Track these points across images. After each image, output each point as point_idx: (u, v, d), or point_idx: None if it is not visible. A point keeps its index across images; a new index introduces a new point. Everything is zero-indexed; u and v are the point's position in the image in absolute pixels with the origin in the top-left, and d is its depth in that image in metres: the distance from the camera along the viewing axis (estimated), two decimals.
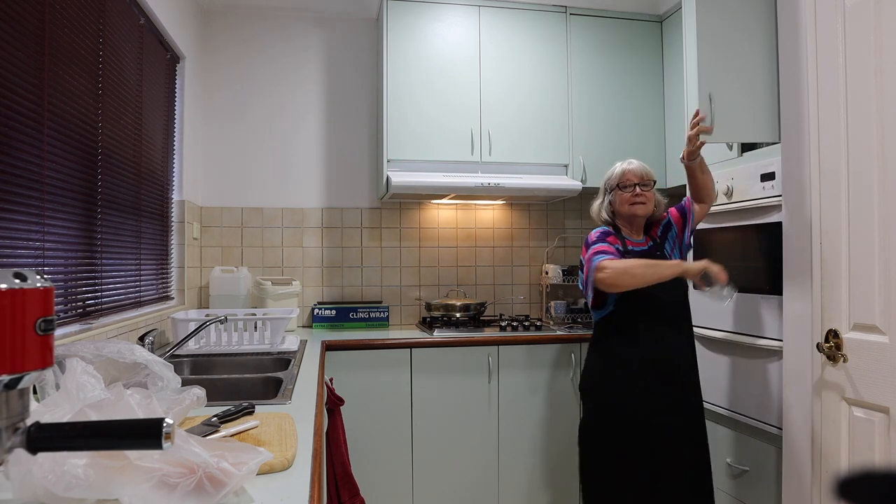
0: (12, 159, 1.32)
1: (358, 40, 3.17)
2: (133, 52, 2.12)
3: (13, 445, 0.61)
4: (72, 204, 1.64)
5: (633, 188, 1.98)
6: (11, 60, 1.31)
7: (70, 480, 0.71)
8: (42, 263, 1.48)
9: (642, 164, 2.04)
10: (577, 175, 2.96)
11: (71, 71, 1.62)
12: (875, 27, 1.52)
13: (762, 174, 2.01)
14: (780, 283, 1.87)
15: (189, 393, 1.07)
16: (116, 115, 1.97)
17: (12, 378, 0.59)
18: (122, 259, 2.06)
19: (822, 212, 1.69)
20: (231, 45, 3.04)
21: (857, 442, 1.58)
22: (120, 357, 1.20)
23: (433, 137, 2.84)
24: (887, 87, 1.49)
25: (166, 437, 0.60)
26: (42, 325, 0.61)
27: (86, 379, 0.90)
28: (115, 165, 1.97)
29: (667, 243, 2.06)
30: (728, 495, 2.15)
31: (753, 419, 2.04)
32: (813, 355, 1.71)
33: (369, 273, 3.16)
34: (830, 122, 1.66)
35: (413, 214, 3.21)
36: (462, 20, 2.89)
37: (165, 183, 2.56)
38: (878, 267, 1.52)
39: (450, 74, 2.87)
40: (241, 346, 2.26)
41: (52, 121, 1.50)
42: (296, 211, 3.10)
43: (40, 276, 0.62)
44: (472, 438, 2.62)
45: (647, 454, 1.86)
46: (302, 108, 3.11)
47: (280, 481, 0.91)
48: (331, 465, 2.25)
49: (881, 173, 1.51)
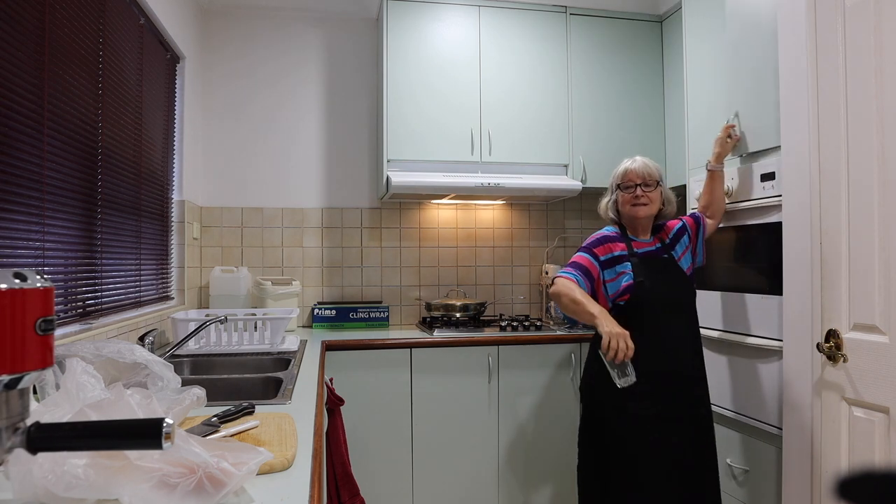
0: (12, 159, 1.32)
1: (358, 40, 3.17)
2: (133, 52, 2.12)
3: (13, 445, 0.61)
4: (72, 204, 1.64)
5: (635, 189, 1.94)
6: (11, 60, 1.31)
7: (70, 480, 0.71)
8: (42, 263, 1.48)
9: (647, 162, 1.97)
10: (578, 175, 2.96)
11: (71, 71, 1.62)
12: (875, 27, 1.52)
13: (762, 174, 2.01)
14: (780, 283, 1.87)
15: (189, 393, 1.07)
16: (116, 115, 1.97)
17: (12, 378, 0.59)
18: (122, 259, 2.06)
19: (822, 212, 1.69)
20: (231, 44, 3.04)
21: (857, 442, 1.58)
22: (120, 357, 1.20)
23: (433, 137, 2.84)
24: (887, 87, 1.49)
25: (166, 437, 0.60)
26: (42, 325, 0.61)
27: (86, 379, 0.90)
28: (115, 165, 1.97)
29: (678, 245, 1.99)
30: (728, 495, 2.15)
31: (753, 419, 2.03)
32: (813, 355, 1.71)
33: (369, 273, 3.16)
34: (830, 121, 1.66)
35: (413, 214, 3.21)
36: (462, 20, 2.89)
37: (165, 183, 2.56)
38: (878, 267, 1.52)
39: (450, 74, 2.87)
40: (241, 346, 2.26)
41: (52, 121, 1.50)
42: (296, 211, 3.10)
43: (40, 276, 0.62)
44: (472, 438, 2.62)
45: (648, 457, 1.83)
46: (302, 108, 3.11)
47: (280, 481, 0.91)
48: (331, 465, 2.25)
49: (881, 173, 1.51)
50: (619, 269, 1.90)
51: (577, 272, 1.87)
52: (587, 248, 1.94)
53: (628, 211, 1.96)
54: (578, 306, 1.79)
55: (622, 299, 1.88)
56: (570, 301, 1.81)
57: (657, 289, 1.87)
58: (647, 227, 1.99)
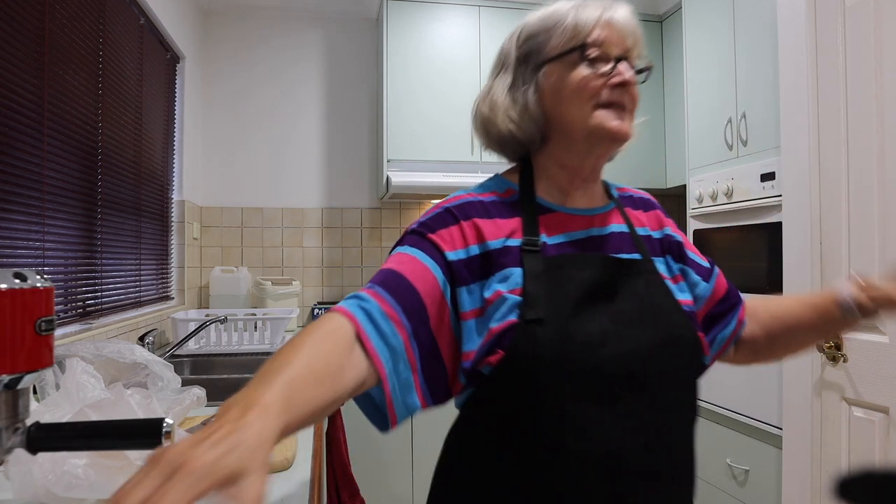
0: (12, 159, 1.32)
1: (358, 40, 3.17)
2: (133, 52, 2.12)
3: (13, 445, 0.61)
4: (72, 204, 1.64)
5: (614, 65, 0.77)
6: (11, 60, 1.31)
7: (70, 480, 0.71)
8: (42, 263, 1.48)
9: (629, 13, 0.82)
10: None
11: (71, 71, 1.62)
12: (875, 27, 1.52)
13: (762, 174, 2.01)
14: (780, 283, 1.87)
15: (189, 393, 1.07)
16: (116, 115, 1.97)
17: (12, 378, 0.59)
18: (122, 259, 2.06)
19: (822, 212, 1.69)
20: (230, 44, 3.04)
21: (857, 442, 1.58)
22: (120, 357, 1.20)
23: (433, 137, 2.84)
24: (887, 87, 1.49)
25: (166, 437, 0.60)
26: (42, 325, 0.61)
27: (86, 379, 0.90)
28: (115, 165, 1.97)
29: (665, 260, 0.87)
30: (728, 495, 2.15)
31: (753, 419, 2.03)
32: (813, 355, 1.71)
33: (369, 273, 3.16)
34: (830, 121, 1.66)
35: (413, 214, 3.20)
36: (462, 20, 2.89)
37: (165, 183, 2.56)
38: (879, 267, 1.52)
39: (450, 74, 2.87)
40: (241, 346, 2.26)
41: (52, 121, 1.50)
42: (296, 211, 3.10)
43: (40, 276, 0.62)
44: None
45: None
46: (302, 108, 3.11)
47: (280, 481, 0.91)
48: (331, 465, 2.25)
49: (881, 173, 1.51)
50: (500, 283, 0.75)
51: (373, 298, 0.68)
52: (419, 231, 0.77)
53: (594, 123, 0.77)
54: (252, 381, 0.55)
55: (492, 359, 0.71)
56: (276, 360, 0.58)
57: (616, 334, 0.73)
58: (598, 175, 0.87)
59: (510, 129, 0.82)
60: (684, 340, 0.77)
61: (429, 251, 0.74)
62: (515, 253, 0.76)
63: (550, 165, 0.83)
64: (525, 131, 0.82)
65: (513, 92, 0.83)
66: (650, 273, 0.81)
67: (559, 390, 0.69)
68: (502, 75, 0.86)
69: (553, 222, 0.80)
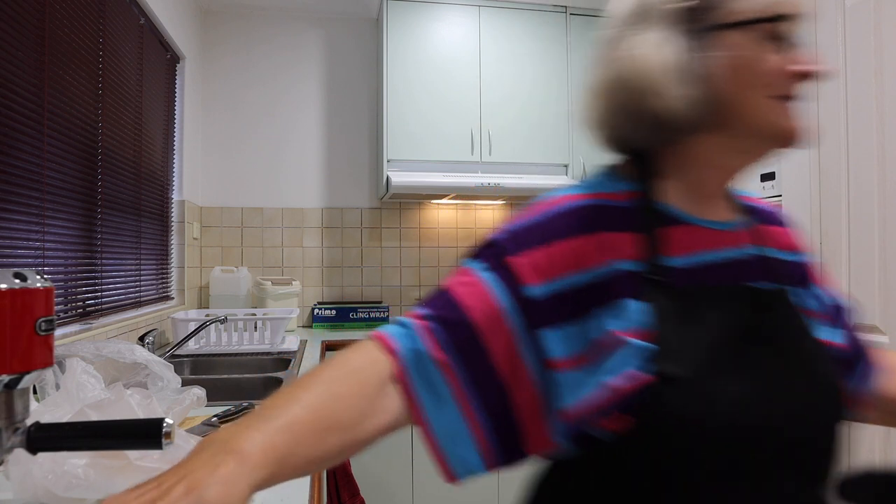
0: (12, 159, 1.32)
1: (358, 40, 3.17)
2: (133, 52, 2.12)
3: (13, 445, 0.61)
4: (72, 204, 1.64)
5: (796, 49, 0.61)
6: (11, 60, 1.31)
7: (70, 480, 0.71)
8: (42, 263, 1.48)
9: None
10: (577, 175, 2.96)
11: (71, 71, 1.62)
12: (875, 27, 1.52)
13: (762, 174, 2.01)
14: None
15: (189, 393, 1.07)
16: (116, 115, 1.97)
17: (12, 378, 0.59)
18: (122, 259, 2.06)
19: (822, 212, 1.69)
20: (230, 44, 3.04)
21: (858, 442, 1.58)
22: (120, 357, 1.20)
23: (433, 137, 2.84)
24: (887, 87, 1.49)
25: (166, 437, 0.60)
26: (42, 325, 0.61)
27: (86, 379, 0.90)
28: (115, 165, 1.97)
29: (812, 292, 0.71)
30: None
31: None
32: None
33: (369, 273, 3.16)
34: (830, 121, 1.66)
35: (413, 214, 3.21)
36: (462, 20, 2.89)
37: (165, 183, 2.56)
38: (878, 267, 1.52)
39: (450, 74, 2.87)
40: (241, 346, 2.26)
41: (52, 121, 1.50)
42: (296, 211, 3.10)
43: (40, 276, 0.62)
44: None
45: None
46: (302, 108, 3.11)
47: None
48: None
49: (881, 173, 1.51)
50: (614, 320, 0.58)
51: (423, 333, 0.59)
52: (500, 245, 0.66)
53: (782, 122, 0.61)
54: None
55: (613, 425, 0.57)
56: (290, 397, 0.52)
57: (764, 395, 0.58)
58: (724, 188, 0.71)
59: (680, 106, 0.59)
60: (833, 397, 0.61)
61: (504, 279, 0.60)
62: (632, 279, 0.59)
63: (698, 162, 0.64)
64: (697, 112, 0.60)
65: (689, 55, 0.60)
66: (792, 308, 0.65)
67: (695, 466, 0.55)
68: (646, 30, 0.62)
69: (681, 238, 0.63)
